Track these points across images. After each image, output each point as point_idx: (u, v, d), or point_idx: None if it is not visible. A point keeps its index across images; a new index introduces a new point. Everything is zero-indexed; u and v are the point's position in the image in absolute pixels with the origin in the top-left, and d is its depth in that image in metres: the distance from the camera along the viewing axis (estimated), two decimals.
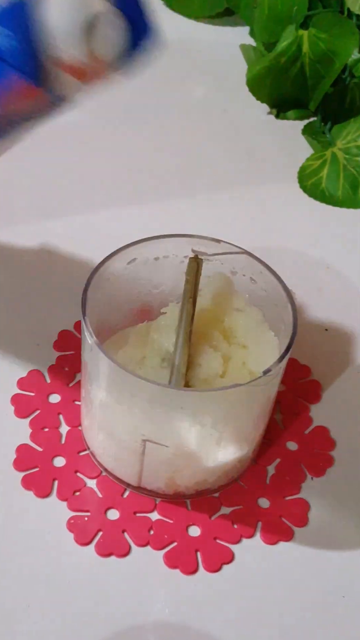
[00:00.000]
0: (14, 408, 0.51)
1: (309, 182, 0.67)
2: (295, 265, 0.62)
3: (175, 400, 0.42)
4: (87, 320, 0.43)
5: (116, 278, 0.47)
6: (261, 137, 0.72)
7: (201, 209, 0.65)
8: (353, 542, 0.48)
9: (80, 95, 0.39)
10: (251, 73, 0.70)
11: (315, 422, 0.52)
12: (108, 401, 0.45)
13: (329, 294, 0.60)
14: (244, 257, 0.47)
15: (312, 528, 0.48)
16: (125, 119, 0.72)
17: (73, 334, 0.55)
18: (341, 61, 0.69)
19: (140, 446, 0.45)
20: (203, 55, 0.79)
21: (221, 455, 0.46)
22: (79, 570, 0.45)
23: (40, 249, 0.61)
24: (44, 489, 0.48)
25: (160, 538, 0.46)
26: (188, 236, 0.47)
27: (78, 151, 0.69)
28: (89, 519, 0.47)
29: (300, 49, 0.68)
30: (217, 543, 0.47)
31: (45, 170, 0.67)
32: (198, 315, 0.45)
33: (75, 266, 0.56)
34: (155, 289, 0.50)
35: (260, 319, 0.47)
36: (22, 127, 0.41)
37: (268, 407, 0.47)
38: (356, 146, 0.67)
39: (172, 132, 0.71)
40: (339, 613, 0.45)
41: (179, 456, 0.45)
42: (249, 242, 0.52)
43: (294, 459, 0.50)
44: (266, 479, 0.49)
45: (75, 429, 0.50)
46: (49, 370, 0.53)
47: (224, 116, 0.73)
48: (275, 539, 0.47)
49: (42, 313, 0.56)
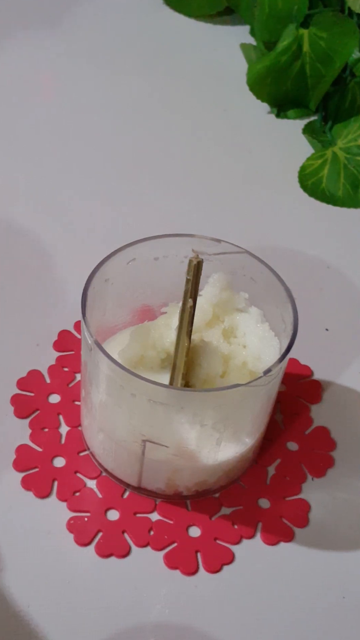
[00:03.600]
0: (14, 408, 0.51)
1: (309, 181, 0.67)
2: (295, 265, 0.62)
3: (175, 400, 0.42)
4: (87, 320, 0.43)
5: (116, 278, 0.47)
6: (261, 137, 0.72)
7: (201, 208, 0.65)
8: (353, 542, 0.48)
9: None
10: (251, 72, 0.70)
11: (315, 423, 0.52)
12: (108, 401, 0.45)
13: (329, 293, 0.60)
14: (244, 257, 0.47)
15: (313, 528, 0.48)
16: (125, 118, 0.72)
17: (73, 334, 0.55)
18: (342, 60, 0.69)
19: (140, 446, 0.45)
20: (203, 55, 0.79)
21: (221, 455, 0.46)
22: (79, 570, 0.45)
23: (40, 249, 0.61)
24: (43, 490, 0.48)
25: (160, 538, 0.46)
26: (188, 236, 0.47)
27: (78, 151, 0.69)
28: (89, 519, 0.47)
29: (301, 48, 0.68)
30: (217, 543, 0.47)
31: (46, 170, 0.67)
32: (198, 315, 0.45)
33: (75, 266, 0.56)
34: (155, 289, 0.50)
35: (260, 319, 0.47)
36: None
37: (268, 407, 0.47)
38: (357, 145, 0.67)
39: (172, 131, 0.71)
40: (338, 613, 0.45)
41: (179, 456, 0.45)
42: (249, 242, 0.52)
43: (294, 460, 0.50)
44: (266, 480, 0.49)
45: (75, 429, 0.50)
46: (49, 370, 0.53)
47: (224, 116, 0.73)
48: (275, 540, 0.47)
49: (42, 313, 0.56)
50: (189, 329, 0.44)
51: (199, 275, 0.43)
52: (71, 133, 0.70)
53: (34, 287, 0.58)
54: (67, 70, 0.76)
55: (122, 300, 0.49)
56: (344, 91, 0.71)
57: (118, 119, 0.72)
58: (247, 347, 0.47)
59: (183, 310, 0.43)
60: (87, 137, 0.70)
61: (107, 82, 0.75)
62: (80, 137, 0.70)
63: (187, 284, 0.43)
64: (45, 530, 0.46)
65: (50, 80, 0.75)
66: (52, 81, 0.75)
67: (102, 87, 0.75)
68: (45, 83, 0.75)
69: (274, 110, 0.73)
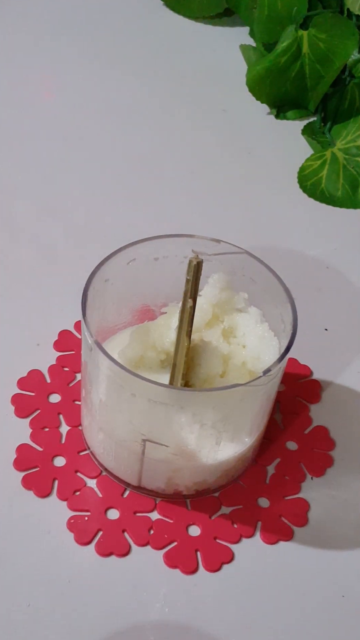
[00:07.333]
0: (14, 408, 0.51)
1: (309, 182, 0.67)
2: (295, 265, 0.62)
3: (175, 400, 0.42)
4: (87, 320, 0.43)
5: (116, 278, 0.47)
6: (261, 137, 0.72)
7: (201, 209, 0.65)
8: (353, 542, 0.48)
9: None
10: (251, 73, 0.70)
11: (315, 422, 0.52)
12: (108, 401, 0.45)
13: (329, 293, 0.60)
14: (244, 257, 0.47)
15: (312, 528, 0.48)
16: (125, 119, 0.72)
17: (73, 334, 0.55)
18: (341, 61, 0.69)
19: (140, 446, 0.45)
20: (203, 56, 0.79)
21: (221, 455, 0.46)
22: (79, 570, 0.45)
23: (40, 249, 0.61)
24: (44, 489, 0.48)
25: (160, 538, 0.46)
26: (188, 236, 0.47)
27: (78, 151, 0.69)
28: (89, 518, 0.47)
29: (300, 49, 0.69)
30: (217, 543, 0.47)
31: (46, 170, 0.67)
32: (198, 315, 0.45)
33: (75, 266, 0.56)
34: (155, 289, 0.50)
35: (259, 319, 0.47)
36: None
37: (268, 407, 0.47)
38: (356, 146, 0.67)
39: (172, 132, 0.71)
40: (338, 613, 0.45)
41: (178, 456, 0.45)
42: (249, 242, 0.52)
43: (294, 459, 0.50)
44: (266, 479, 0.50)
45: (75, 429, 0.50)
46: (49, 370, 0.53)
47: (224, 116, 0.73)
48: (275, 539, 0.47)
49: (42, 313, 0.56)
50: (189, 329, 0.44)
51: (198, 276, 0.43)
52: (71, 133, 0.70)
53: (34, 287, 0.58)
54: (67, 71, 0.76)
55: (122, 300, 0.49)
56: (343, 92, 0.71)
57: (118, 120, 0.72)
58: (246, 347, 0.47)
59: (183, 310, 0.44)
60: (87, 138, 0.70)
61: (107, 83, 0.75)
62: (80, 138, 0.70)
63: (187, 284, 0.43)
64: (46, 529, 0.46)
65: (51, 80, 0.75)
66: (52, 82, 0.75)
67: (102, 88, 0.75)
68: (46, 83, 0.75)
69: (274, 111, 0.73)
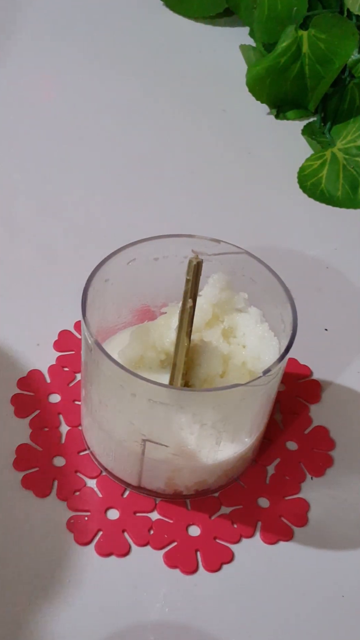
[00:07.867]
0: (14, 408, 0.51)
1: (309, 182, 0.67)
2: (295, 265, 0.62)
3: (175, 400, 0.42)
4: (87, 320, 0.43)
5: (116, 278, 0.47)
6: (261, 137, 0.72)
7: (201, 209, 0.65)
8: (353, 542, 0.48)
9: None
10: (251, 73, 0.70)
11: (315, 422, 0.52)
12: (108, 401, 0.45)
13: (329, 293, 0.60)
14: (244, 257, 0.47)
15: (312, 528, 0.48)
16: (125, 119, 0.72)
17: (73, 334, 0.55)
18: (341, 61, 0.69)
19: (140, 446, 0.45)
20: (203, 55, 0.79)
21: (221, 455, 0.46)
22: (79, 569, 0.45)
23: (40, 249, 0.61)
24: (44, 489, 0.48)
25: (160, 538, 0.46)
26: (188, 236, 0.47)
27: (78, 151, 0.69)
28: (89, 518, 0.47)
29: (300, 49, 0.69)
30: (217, 543, 0.47)
31: (46, 170, 0.67)
32: (198, 315, 0.45)
33: (75, 266, 0.56)
34: (155, 289, 0.50)
35: (259, 319, 0.47)
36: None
37: (268, 407, 0.47)
38: (356, 146, 0.67)
39: (172, 132, 0.71)
40: (338, 613, 0.45)
41: (178, 456, 0.45)
42: (249, 242, 0.52)
43: (294, 459, 0.50)
44: (266, 479, 0.50)
45: (75, 429, 0.50)
46: (49, 370, 0.53)
47: (224, 116, 0.73)
48: (275, 539, 0.47)
49: (42, 313, 0.56)
50: (189, 329, 0.44)
51: (198, 276, 0.43)
52: (71, 133, 0.70)
53: (33, 287, 0.58)
54: (67, 71, 0.76)
55: (122, 300, 0.49)
56: (343, 92, 0.71)
57: (118, 120, 0.72)
58: (246, 347, 0.47)
59: (183, 310, 0.44)
60: (87, 138, 0.70)
61: (107, 83, 0.75)
62: (80, 138, 0.70)
63: (187, 284, 0.43)
64: (46, 529, 0.46)
65: (51, 80, 0.75)
66: (52, 82, 0.75)
67: (102, 88, 0.75)
68: (46, 83, 0.75)
69: (274, 111, 0.73)
